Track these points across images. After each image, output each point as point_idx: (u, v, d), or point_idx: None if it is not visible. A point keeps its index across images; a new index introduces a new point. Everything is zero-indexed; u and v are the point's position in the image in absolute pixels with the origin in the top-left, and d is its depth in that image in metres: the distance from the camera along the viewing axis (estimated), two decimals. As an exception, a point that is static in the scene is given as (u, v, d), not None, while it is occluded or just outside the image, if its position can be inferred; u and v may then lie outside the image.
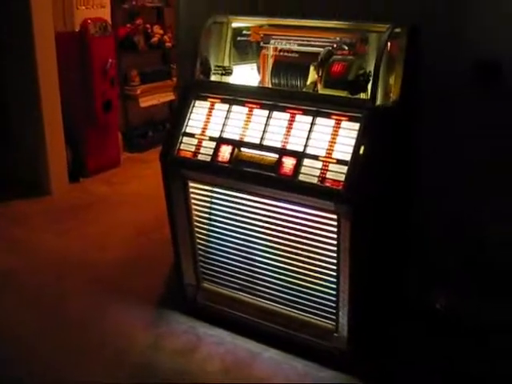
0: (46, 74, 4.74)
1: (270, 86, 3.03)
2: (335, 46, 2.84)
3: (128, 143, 6.18)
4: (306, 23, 2.97)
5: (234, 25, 3.17)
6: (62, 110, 4.94)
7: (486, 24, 2.87)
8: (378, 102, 2.68)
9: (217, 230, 3.02)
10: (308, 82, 2.86)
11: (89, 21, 5.08)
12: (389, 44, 2.79)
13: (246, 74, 3.21)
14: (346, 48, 2.87)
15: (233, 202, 2.88)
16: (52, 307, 3.37)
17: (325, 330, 2.85)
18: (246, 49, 3.23)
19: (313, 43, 2.90)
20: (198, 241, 3.10)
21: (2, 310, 3.33)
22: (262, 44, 3.05)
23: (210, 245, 3.08)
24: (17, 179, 5.01)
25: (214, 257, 3.10)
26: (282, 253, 2.84)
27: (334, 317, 2.80)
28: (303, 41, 2.93)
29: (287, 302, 2.94)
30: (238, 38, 3.21)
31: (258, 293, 3.02)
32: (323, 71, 2.73)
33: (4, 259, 3.89)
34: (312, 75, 2.84)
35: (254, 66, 3.25)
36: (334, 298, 2.75)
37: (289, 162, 2.60)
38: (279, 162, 2.62)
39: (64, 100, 4.92)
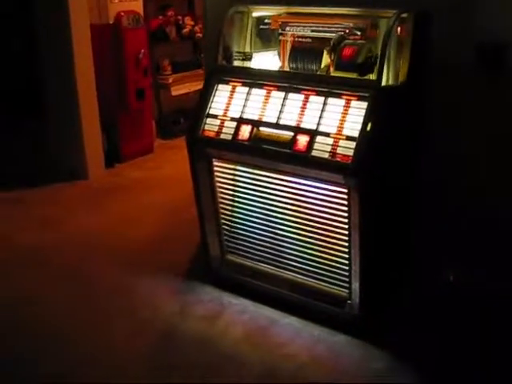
0: (82, 64, 5.02)
1: (288, 70, 3.22)
2: (347, 31, 3.01)
3: (161, 130, 6.46)
4: (320, 11, 3.15)
5: (255, 14, 3.37)
6: (98, 99, 5.22)
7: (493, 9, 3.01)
8: (389, 82, 2.87)
9: (239, 204, 3.24)
10: (322, 66, 3.04)
11: (122, 13, 5.35)
12: (399, 29, 2.97)
13: (268, 61, 3.40)
14: (358, 33, 3.05)
15: (253, 178, 3.10)
16: (84, 279, 3.63)
17: (339, 298, 3.05)
18: (268, 37, 3.41)
19: (327, 29, 3.07)
20: (222, 216, 3.33)
21: (39, 282, 3.60)
22: (280, 31, 3.24)
23: (233, 219, 3.31)
24: (55, 165, 5.31)
25: (238, 230, 3.33)
26: (299, 226, 3.05)
27: (347, 285, 2.99)
28: (318, 27, 3.11)
29: (305, 272, 3.15)
30: (261, 27, 3.41)
31: (278, 264, 3.23)
32: (335, 55, 2.92)
33: (46, 236, 4.18)
34: (326, 59, 3.02)
35: (276, 52, 3.44)
36: (346, 268, 2.95)
37: (303, 139, 2.80)
38: (294, 139, 2.82)
39: (99, 89, 5.20)
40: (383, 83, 2.77)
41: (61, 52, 5.03)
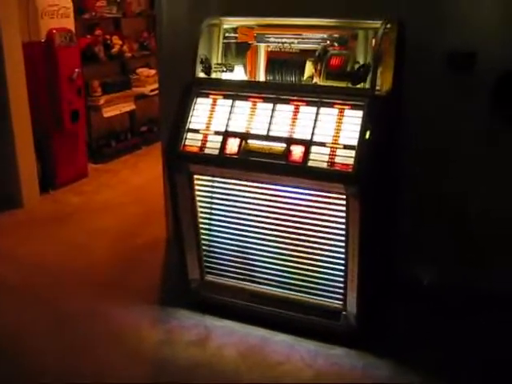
0: (15, 85, 4.68)
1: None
2: (328, 42, 3.03)
3: (92, 154, 6.15)
4: (295, 22, 3.16)
5: (226, 26, 3.30)
6: (31, 122, 4.89)
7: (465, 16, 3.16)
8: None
9: (221, 222, 3.12)
10: (305, 77, 3.03)
11: (54, 31, 5.07)
12: (373, 40, 3.03)
13: (236, 74, 3.33)
14: (336, 44, 3.07)
15: (239, 192, 3.00)
16: (50, 311, 3.36)
17: (333, 310, 3.00)
18: (237, 50, 3.35)
19: (306, 40, 3.08)
20: (202, 236, 3.19)
21: (10, 315, 3.33)
22: (255, 43, 3.20)
23: (214, 238, 3.18)
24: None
25: (219, 250, 3.20)
26: (289, 239, 2.98)
27: (341, 296, 2.96)
28: (297, 39, 3.10)
29: (295, 288, 3.07)
30: (224, 41, 3.34)
31: (265, 281, 3.14)
32: (321, 65, 2.92)
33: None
34: (309, 70, 3.01)
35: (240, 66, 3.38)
36: (341, 279, 2.91)
37: (298, 150, 2.75)
38: (288, 151, 2.77)
39: (32, 111, 4.88)
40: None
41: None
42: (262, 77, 3.26)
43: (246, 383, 2.68)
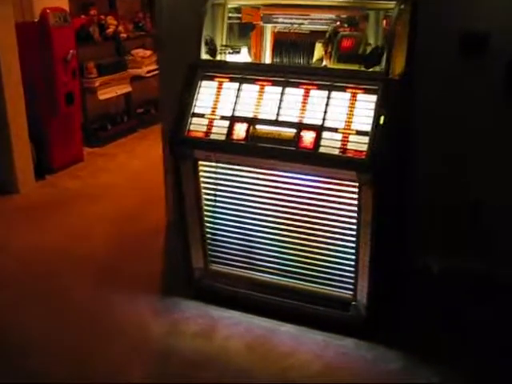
0: (8, 68, 4.54)
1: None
2: (338, 23, 2.91)
3: (87, 138, 6.01)
4: (303, 2, 3.03)
5: (230, 6, 3.17)
6: (25, 105, 4.75)
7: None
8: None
9: (226, 210, 3.02)
10: (314, 59, 2.92)
11: (48, 10, 4.90)
12: (384, 21, 2.92)
13: (241, 57, 3.21)
14: (346, 25, 2.96)
15: (246, 179, 2.90)
16: (50, 301, 3.26)
17: (343, 301, 2.92)
18: (242, 31, 3.23)
19: (316, 21, 2.96)
20: (207, 224, 3.09)
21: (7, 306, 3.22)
22: (261, 24, 3.07)
23: (219, 226, 3.08)
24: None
25: (224, 238, 3.10)
26: (299, 228, 2.89)
27: (351, 286, 2.87)
28: (305, 19, 2.98)
29: (302, 277, 2.99)
30: (229, 21, 3.21)
31: (272, 270, 3.05)
32: (332, 47, 2.80)
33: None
34: (318, 52, 2.90)
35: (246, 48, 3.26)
36: (352, 268, 2.83)
37: (308, 136, 2.65)
38: (298, 136, 2.66)
39: (26, 94, 4.73)
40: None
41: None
42: (267, 59, 3.15)
43: (254, 382, 2.59)
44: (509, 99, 3.10)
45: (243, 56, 3.18)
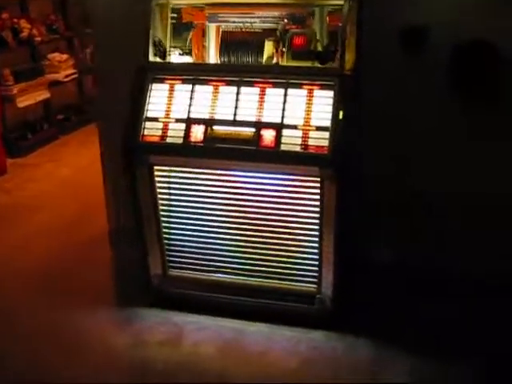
0: None
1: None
2: (285, 21, 2.93)
3: (8, 148, 5.69)
4: (248, 0, 3.02)
5: (173, 5, 3.10)
6: None
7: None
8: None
9: (184, 213, 2.97)
10: (265, 57, 2.92)
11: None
12: (327, 18, 2.97)
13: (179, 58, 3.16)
14: (292, 23, 2.98)
15: (205, 181, 2.86)
16: (7, 322, 3.09)
17: (307, 294, 2.95)
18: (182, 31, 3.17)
19: (261, 20, 2.96)
20: (164, 229, 3.02)
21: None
22: (207, 24, 3.03)
23: (178, 231, 3.03)
24: None
25: (183, 243, 3.05)
26: (259, 227, 2.89)
27: (315, 280, 2.91)
28: (251, 18, 2.97)
29: (267, 275, 2.98)
30: (171, 21, 3.15)
31: (235, 271, 3.03)
32: (283, 45, 2.82)
33: None
34: (269, 50, 2.90)
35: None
36: (315, 262, 2.87)
37: (269, 134, 2.65)
38: (258, 135, 2.66)
39: None
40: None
41: None
42: (212, 59, 3.11)
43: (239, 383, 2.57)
44: (453, 94, 3.20)
45: (185, 57, 3.13)
